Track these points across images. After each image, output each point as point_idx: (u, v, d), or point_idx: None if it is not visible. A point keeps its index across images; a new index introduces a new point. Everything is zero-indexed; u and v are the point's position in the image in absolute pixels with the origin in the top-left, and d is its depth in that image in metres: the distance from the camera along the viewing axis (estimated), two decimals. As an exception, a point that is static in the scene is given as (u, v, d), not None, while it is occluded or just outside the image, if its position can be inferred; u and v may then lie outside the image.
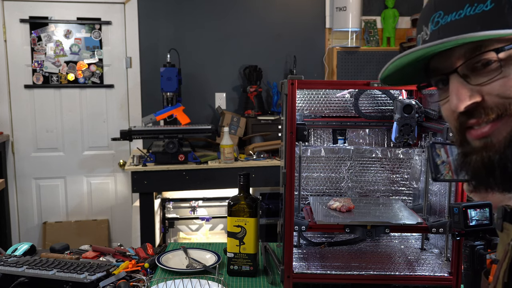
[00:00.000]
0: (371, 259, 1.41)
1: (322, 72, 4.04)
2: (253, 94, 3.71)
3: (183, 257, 1.53)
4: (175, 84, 3.32)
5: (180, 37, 3.80)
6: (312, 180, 1.63)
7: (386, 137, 1.64)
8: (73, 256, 1.51)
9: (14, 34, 3.70)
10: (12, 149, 3.79)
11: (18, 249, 1.57)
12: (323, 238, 1.58)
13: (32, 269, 1.32)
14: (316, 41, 4.01)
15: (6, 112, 3.75)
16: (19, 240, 3.81)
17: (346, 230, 1.30)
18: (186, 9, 3.82)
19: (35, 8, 3.72)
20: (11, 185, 3.80)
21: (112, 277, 1.34)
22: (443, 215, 1.38)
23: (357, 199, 1.56)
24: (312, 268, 1.34)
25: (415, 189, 1.61)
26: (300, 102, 1.61)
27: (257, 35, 3.90)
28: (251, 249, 1.41)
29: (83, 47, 3.80)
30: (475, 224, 1.12)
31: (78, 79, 3.82)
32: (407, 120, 1.45)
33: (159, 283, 1.32)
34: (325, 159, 1.61)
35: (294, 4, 3.96)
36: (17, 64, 3.73)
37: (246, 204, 1.40)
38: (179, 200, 3.33)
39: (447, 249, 1.39)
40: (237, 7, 3.90)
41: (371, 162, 1.61)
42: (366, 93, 1.59)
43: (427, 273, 1.31)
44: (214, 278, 1.33)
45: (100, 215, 3.95)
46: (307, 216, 1.40)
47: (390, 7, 3.99)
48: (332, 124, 1.59)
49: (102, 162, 3.89)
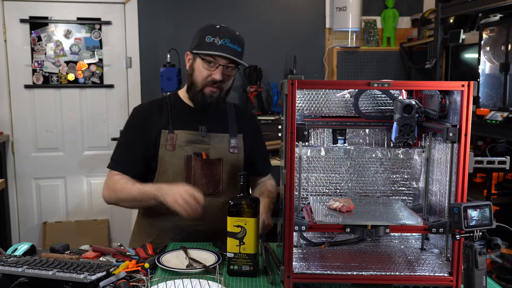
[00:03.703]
0: (371, 259, 1.41)
1: (322, 72, 4.04)
2: (253, 94, 3.71)
3: (183, 257, 1.53)
4: (175, 84, 3.32)
5: (180, 37, 3.80)
6: (312, 180, 1.63)
7: (386, 137, 1.64)
8: (73, 256, 1.51)
9: (14, 34, 3.70)
10: (12, 149, 3.79)
11: (18, 249, 1.57)
12: (323, 238, 1.58)
13: (32, 269, 1.32)
14: (316, 41, 4.01)
15: (6, 112, 3.75)
16: (19, 240, 3.81)
17: (346, 230, 1.30)
18: (186, 9, 3.82)
19: (35, 8, 3.72)
20: (11, 185, 3.80)
21: (112, 277, 1.34)
22: (443, 215, 1.38)
23: (357, 199, 1.56)
24: (312, 268, 1.33)
25: (415, 189, 1.61)
26: (300, 102, 1.61)
27: (257, 35, 3.90)
28: (251, 249, 1.41)
29: (83, 47, 3.80)
30: (475, 224, 1.12)
31: (78, 79, 3.82)
32: (407, 120, 1.45)
33: (159, 283, 1.32)
34: (325, 159, 1.61)
35: (294, 4, 3.97)
36: (17, 64, 3.73)
37: (246, 204, 1.40)
38: (179, 200, 3.32)
39: (447, 249, 1.39)
40: (237, 7, 3.90)
41: (371, 162, 1.61)
42: (366, 93, 1.59)
43: (427, 273, 1.31)
44: (214, 278, 1.33)
45: (100, 215, 3.95)
46: (307, 216, 1.40)
47: (390, 7, 3.99)
48: (332, 124, 1.59)
49: (102, 162, 3.86)
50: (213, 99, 1.78)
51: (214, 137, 1.85)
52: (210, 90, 1.77)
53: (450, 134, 1.26)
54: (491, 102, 2.93)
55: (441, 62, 3.44)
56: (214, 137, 1.85)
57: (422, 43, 3.72)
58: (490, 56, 2.93)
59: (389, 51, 3.98)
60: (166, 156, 1.80)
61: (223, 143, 1.86)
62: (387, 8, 4.01)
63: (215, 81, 1.75)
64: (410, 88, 1.59)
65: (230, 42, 1.73)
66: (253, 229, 1.40)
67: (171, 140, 1.80)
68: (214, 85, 1.76)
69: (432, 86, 1.40)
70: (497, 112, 2.76)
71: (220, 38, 1.73)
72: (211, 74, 1.75)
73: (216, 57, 1.73)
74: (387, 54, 3.97)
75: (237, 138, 1.89)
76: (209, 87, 1.77)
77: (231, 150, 1.86)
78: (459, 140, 1.25)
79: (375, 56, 3.96)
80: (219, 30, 1.75)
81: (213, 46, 1.72)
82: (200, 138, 1.82)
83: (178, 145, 1.80)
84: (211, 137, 1.84)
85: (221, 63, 1.74)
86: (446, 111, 1.38)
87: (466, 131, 1.24)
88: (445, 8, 3.27)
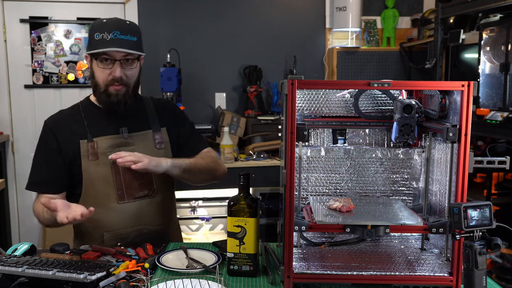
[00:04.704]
0: (371, 259, 1.41)
1: (322, 72, 4.04)
2: (253, 94, 3.71)
3: (183, 257, 1.53)
4: (175, 84, 3.32)
5: (180, 37, 3.80)
6: (312, 180, 1.63)
7: (386, 137, 1.64)
8: (73, 256, 1.51)
9: (14, 34, 3.70)
10: (12, 149, 3.79)
11: (18, 249, 1.57)
12: (323, 238, 1.58)
13: (32, 269, 1.32)
14: (316, 41, 4.01)
15: (6, 112, 3.74)
16: (19, 240, 3.81)
17: (346, 230, 1.30)
18: (186, 9, 3.82)
19: (35, 8, 3.72)
20: (11, 185, 3.80)
21: (112, 277, 1.34)
22: (443, 215, 1.38)
23: (357, 199, 1.56)
24: (312, 268, 1.33)
25: (415, 189, 1.61)
26: (300, 102, 1.61)
27: (257, 35, 3.90)
28: (251, 249, 1.41)
29: (83, 47, 3.80)
30: (475, 224, 1.12)
31: (78, 79, 3.82)
32: (407, 120, 1.45)
33: (159, 283, 1.32)
34: (325, 159, 1.61)
35: (294, 4, 3.96)
36: (17, 64, 3.73)
37: (246, 204, 1.40)
38: (179, 200, 3.32)
39: (447, 249, 1.39)
40: (237, 7, 3.90)
41: (371, 162, 1.61)
42: (366, 93, 1.59)
43: (427, 273, 1.31)
44: (214, 278, 1.33)
45: (100, 215, 3.95)
46: (307, 216, 1.40)
47: (390, 7, 3.98)
48: (332, 124, 1.59)
49: (102, 162, 3.88)
50: (119, 97, 1.68)
51: (137, 136, 1.76)
52: (114, 89, 1.67)
53: (450, 134, 1.26)
54: (491, 102, 2.93)
55: (441, 62, 3.44)
56: (136, 136, 1.75)
57: (422, 43, 3.72)
58: (490, 56, 2.93)
59: (389, 51, 3.98)
60: (90, 167, 1.69)
61: (148, 140, 1.77)
62: (387, 8, 4.00)
63: (116, 78, 1.65)
64: (410, 88, 1.59)
65: (121, 34, 1.63)
66: (253, 229, 1.40)
67: (92, 149, 1.69)
68: (116, 83, 1.66)
69: (432, 86, 1.40)
70: (497, 112, 2.76)
71: (108, 32, 1.62)
72: (110, 73, 1.65)
73: (109, 53, 1.63)
74: (387, 54, 3.97)
75: (161, 132, 1.80)
76: (112, 86, 1.67)
77: (157, 146, 1.78)
78: (459, 140, 1.25)
79: (375, 56, 3.96)
80: (106, 24, 1.64)
81: (103, 42, 1.62)
82: (123, 140, 1.73)
83: (101, 152, 1.70)
84: (134, 137, 1.75)
85: (117, 57, 1.64)
86: (446, 111, 1.38)
87: (466, 131, 1.24)
88: (445, 8, 3.27)
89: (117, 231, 1.73)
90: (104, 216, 1.71)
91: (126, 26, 1.67)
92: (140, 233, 1.75)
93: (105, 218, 1.71)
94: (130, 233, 1.74)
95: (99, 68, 1.67)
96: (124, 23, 1.68)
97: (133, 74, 1.71)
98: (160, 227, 1.80)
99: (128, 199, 1.72)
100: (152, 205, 1.77)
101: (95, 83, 1.71)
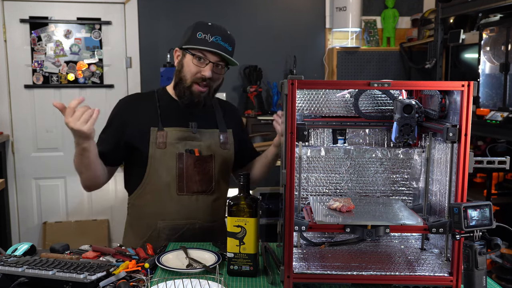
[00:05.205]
0: (371, 259, 1.41)
1: (322, 72, 4.04)
2: (253, 94, 3.71)
3: (183, 257, 1.53)
4: (175, 84, 3.32)
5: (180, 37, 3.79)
6: (312, 180, 1.63)
7: (386, 137, 1.63)
8: (73, 256, 1.51)
9: (14, 34, 3.71)
10: (12, 149, 3.79)
11: (18, 249, 1.57)
12: (323, 238, 1.58)
13: (32, 269, 1.32)
14: (316, 41, 4.01)
15: (6, 112, 3.75)
16: (19, 240, 3.82)
17: (346, 230, 1.29)
18: (186, 8, 3.82)
19: (35, 8, 3.72)
20: (11, 185, 3.80)
21: (112, 277, 1.34)
22: (443, 215, 1.38)
23: (357, 199, 1.56)
24: (312, 268, 1.33)
25: (415, 189, 1.61)
26: (300, 102, 1.61)
27: (257, 35, 3.90)
28: (251, 249, 1.41)
29: (83, 47, 3.80)
30: (475, 224, 1.12)
31: (78, 79, 3.82)
32: (407, 120, 1.45)
33: (159, 283, 1.32)
34: (325, 159, 1.61)
35: (294, 4, 3.97)
36: (17, 64, 3.73)
37: (246, 204, 1.40)
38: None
39: (447, 249, 1.39)
40: (238, 7, 3.90)
41: (371, 162, 1.61)
42: (366, 93, 1.59)
43: (427, 273, 1.30)
44: (214, 278, 1.33)
45: (100, 215, 3.95)
46: (307, 216, 1.40)
47: (390, 7, 3.99)
48: (332, 124, 1.59)
49: (102, 162, 3.88)
50: (201, 98, 1.75)
51: (205, 133, 1.82)
52: (198, 89, 1.73)
53: (450, 134, 1.26)
54: (491, 102, 2.93)
55: (441, 62, 3.44)
56: (204, 133, 1.82)
57: (422, 43, 3.72)
58: (490, 56, 2.93)
59: (389, 51, 3.98)
60: (156, 154, 1.76)
61: (214, 139, 1.83)
62: (387, 8, 4.01)
63: (205, 78, 1.71)
64: (410, 88, 1.59)
65: (222, 40, 1.71)
66: (253, 229, 1.40)
67: (162, 137, 1.76)
68: (203, 82, 1.72)
69: (432, 86, 1.40)
70: (497, 112, 2.77)
71: (211, 35, 1.70)
72: (200, 71, 1.71)
73: (207, 54, 1.70)
74: (387, 54, 3.97)
75: (227, 133, 1.87)
76: (197, 85, 1.73)
77: (222, 146, 1.84)
78: (459, 140, 1.25)
79: (375, 56, 3.96)
80: (210, 27, 1.73)
81: (204, 42, 1.69)
82: (191, 134, 1.80)
83: (169, 142, 1.76)
84: (202, 133, 1.82)
85: (212, 60, 1.71)
86: (446, 111, 1.38)
87: (466, 131, 1.24)
88: (445, 8, 3.27)
89: (172, 221, 1.78)
90: (162, 204, 1.77)
91: (227, 35, 1.74)
92: (192, 227, 1.79)
93: (163, 206, 1.78)
94: (183, 226, 1.79)
95: (192, 64, 1.72)
96: (226, 32, 1.75)
97: (218, 79, 1.78)
98: (211, 224, 1.83)
99: (187, 192, 1.78)
100: (208, 202, 1.82)
101: (181, 77, 1.76)
